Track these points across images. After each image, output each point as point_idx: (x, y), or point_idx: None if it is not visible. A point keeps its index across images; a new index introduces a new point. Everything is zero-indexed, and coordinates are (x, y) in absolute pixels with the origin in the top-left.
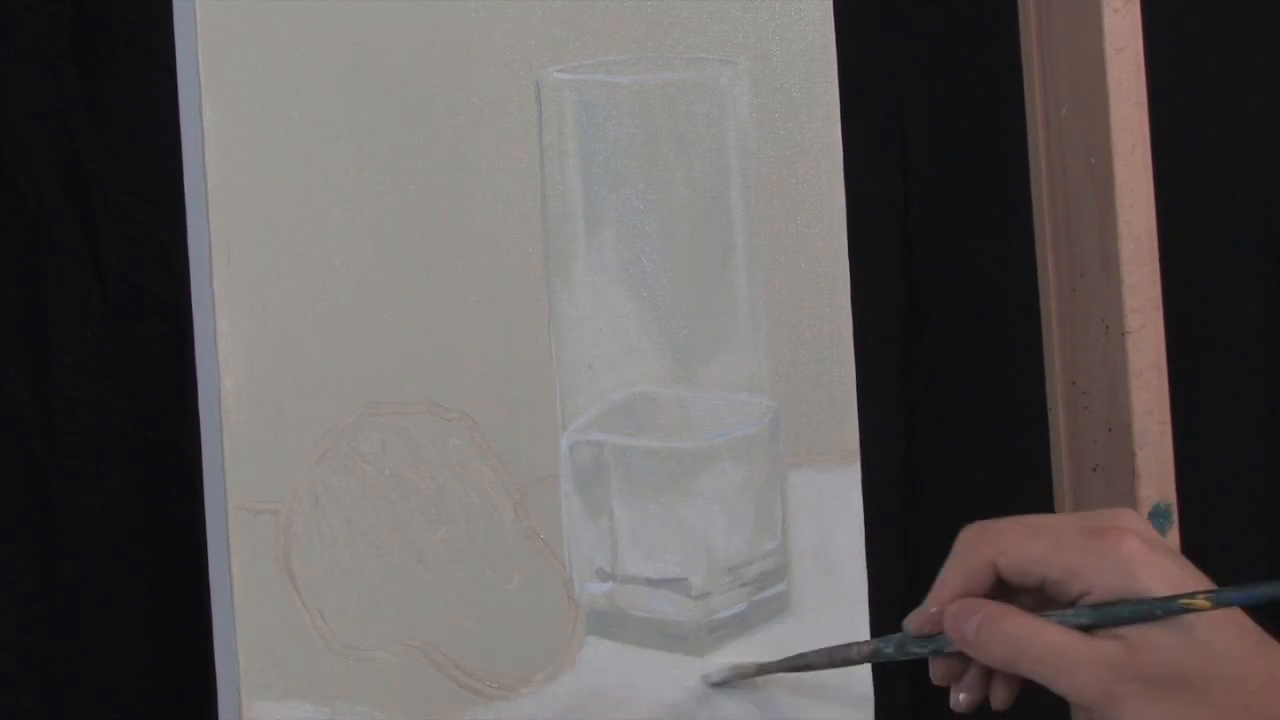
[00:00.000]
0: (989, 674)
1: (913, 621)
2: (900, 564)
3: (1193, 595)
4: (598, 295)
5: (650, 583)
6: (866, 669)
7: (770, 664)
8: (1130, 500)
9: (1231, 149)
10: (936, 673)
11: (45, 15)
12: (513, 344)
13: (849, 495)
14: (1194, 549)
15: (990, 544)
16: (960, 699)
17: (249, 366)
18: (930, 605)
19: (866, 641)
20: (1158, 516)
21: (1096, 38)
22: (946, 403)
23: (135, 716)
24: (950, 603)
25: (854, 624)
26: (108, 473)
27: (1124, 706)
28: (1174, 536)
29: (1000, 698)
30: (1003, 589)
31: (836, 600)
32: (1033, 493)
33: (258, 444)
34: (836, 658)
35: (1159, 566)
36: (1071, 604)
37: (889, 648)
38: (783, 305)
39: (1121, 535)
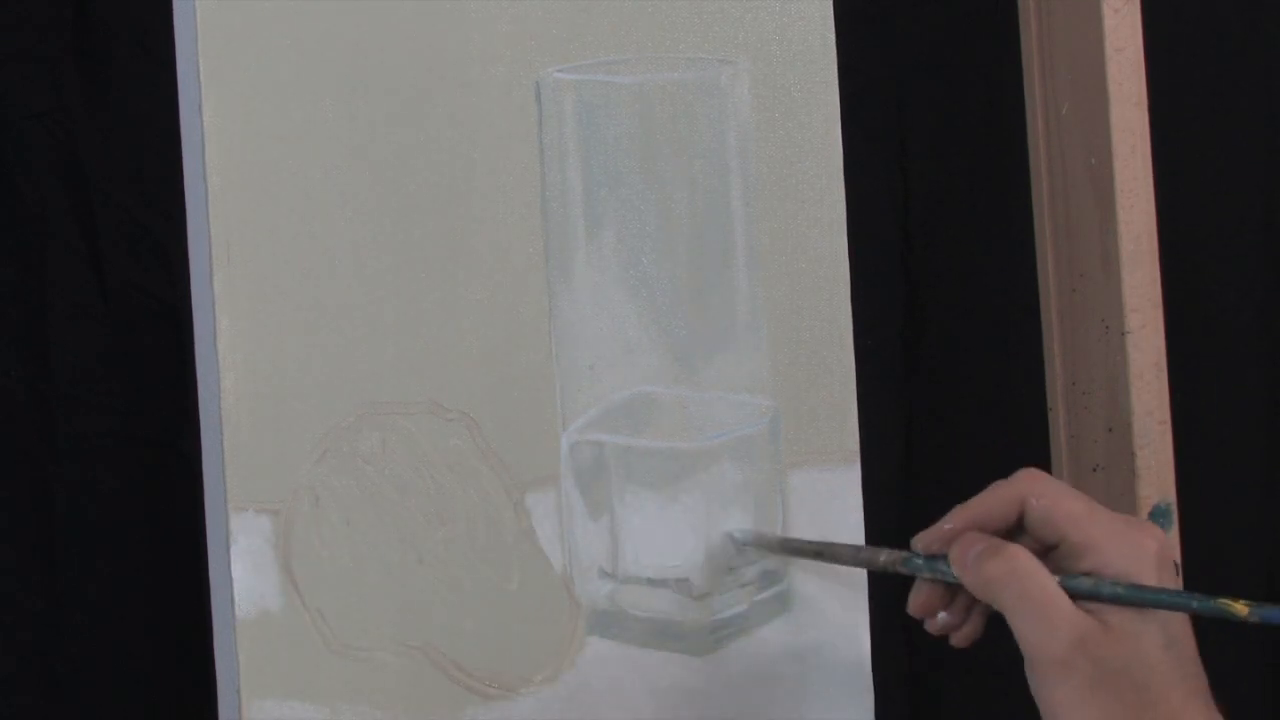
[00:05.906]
0: (968, 611)
1: (922, 539)
2: None
3: (1234, 598)
4: (598, 295)
5: (651, 583)
6: (867, 670)
7: (795, 541)
8: (1130, 500)
9: (1231, 149)
10: (916, 601)
11: (45, 15)
12: (513, 344)
13: (849, 495)
14: (1194, 549)
15: (1031, 485)
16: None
17: (249, 366)
18: (945, 523)
19: (893, 550)
20: (1158, 516)
21: (1096, 38)
22: (946, 403)
23: (135, 717)
24: (965, 526)
25: (854, 624)
26: (108, 473)
27: (1068, 678)
28: (1174, 536)
29: (966, 634)
30: (1015, 537)
31: (836, 600)
32: None
33: (258, 444)
34: (861, 558)
35: (1166, 580)
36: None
37: (908, 566)
38: (783, 305)
39: (1151, 535)
